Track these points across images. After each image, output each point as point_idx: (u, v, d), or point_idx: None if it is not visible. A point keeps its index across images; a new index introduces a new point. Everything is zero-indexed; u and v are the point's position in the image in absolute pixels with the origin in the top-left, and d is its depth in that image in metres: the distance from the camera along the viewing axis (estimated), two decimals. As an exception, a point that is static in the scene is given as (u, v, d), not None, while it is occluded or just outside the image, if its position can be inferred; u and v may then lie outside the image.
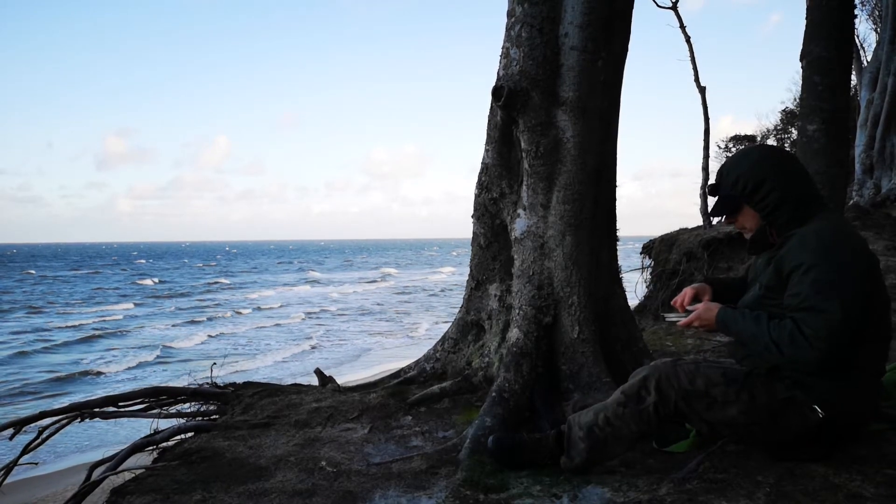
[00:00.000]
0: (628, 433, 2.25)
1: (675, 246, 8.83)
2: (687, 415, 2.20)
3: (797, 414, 2.11)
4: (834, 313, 1.94)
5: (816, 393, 2.09)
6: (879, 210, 11.57)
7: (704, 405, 2.17)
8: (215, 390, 3.68)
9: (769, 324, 2.06)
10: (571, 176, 3.21)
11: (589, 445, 2.29)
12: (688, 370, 2.21)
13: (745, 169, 2.22)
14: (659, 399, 2.18)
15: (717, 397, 2.16)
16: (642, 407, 2.21)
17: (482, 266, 3.64)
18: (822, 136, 4.31)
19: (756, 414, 2.14)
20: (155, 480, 2.56)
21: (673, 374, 2.20)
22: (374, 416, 3.17)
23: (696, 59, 11.87)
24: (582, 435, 2.31)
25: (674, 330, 5.32)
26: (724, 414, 2.16)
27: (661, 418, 2.20)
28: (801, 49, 4.54)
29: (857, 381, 2.10)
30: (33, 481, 7.22)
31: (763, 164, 2.20)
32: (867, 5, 18.78)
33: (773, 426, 2.15)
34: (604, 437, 2.27)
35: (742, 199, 2.23)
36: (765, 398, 2.13)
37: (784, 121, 23.93)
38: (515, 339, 3.16)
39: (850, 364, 2.07)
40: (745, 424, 2.16)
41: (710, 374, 2.19)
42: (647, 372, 2.26)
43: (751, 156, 2.26)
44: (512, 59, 3.22)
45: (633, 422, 2.23)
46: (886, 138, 13.01)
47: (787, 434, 2.16)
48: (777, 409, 2.12)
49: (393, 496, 2.32)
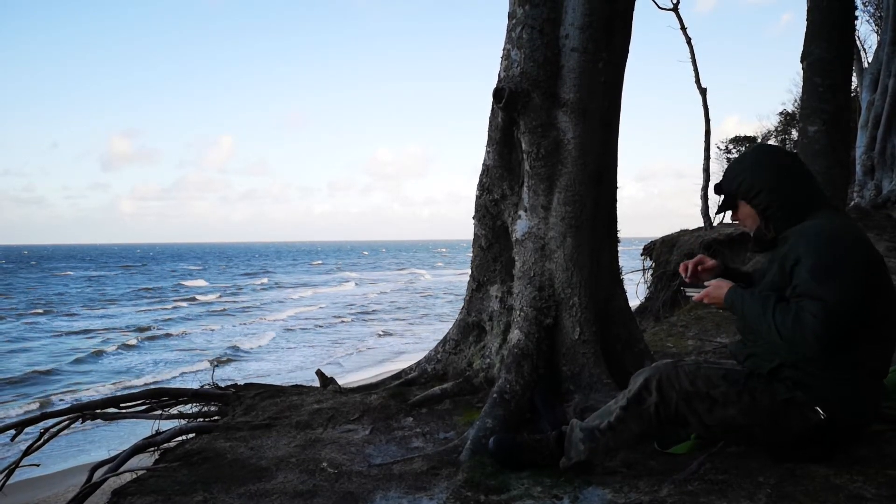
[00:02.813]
0: (629, 435, 2.25)
1: (675, 247, 8.83)
2: (687, 416, 2.19)
3: (798, 415, 2.11)
4: (831, 297, 1.95)
5: (817, 393, 2.09)
6: (880, 211, 11.56)
7: (706, 406, 2.16)
8: (216, 391, 3.69)
9: (775, 305, 2.06)
10: (572, 177, 3.21)
11: (589, 447, 2.29)
12: (689, 371, 2.21)
13: (742, 167, 2.28)
14: (660, 400, 2.18)
15: (717, 398, 2.16)
16: (643, 408, 2.21)
17: (483, 267, 3.64)
18: (823, 137, 4.31)
19: (757, 415, 2.14)
20: (156, 481, 2.56)
21: (674, 375, 2.20)
22: (375, 418, 3.18)
23: (698, 61, 11.86)
24: (582, 437, 2.31)
25: (674, 331, 5.33)
26: (724, 414, 2.15)
27: (662, 419, 2.20)
28: (802, 50, 4.54)
29: (859, 382, 2.09)
30: (35, 482, 7.22)
31: (759, 163, 2.25)
32: (868, 7, 18.77)
33: (773, 427, 2.15)
34: (605, 439, 2.27)
35: (739, 197, 2.29)
36: (766, 399, 2.13)
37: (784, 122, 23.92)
38: (516, 340, 3.17)
39: (852, 363, 2.07)
40: (745, 425, 2.16)
41: (710, 375, 2.19)
42: (648, 373, 2.26)
43: (749, 155, 2.32)
44: (513, 61, 3.23)
45: (635, 423, 2.23)
46: (887, 139, 13.01)
47: (788, 435, 2.16)
48: (778, 410, 2.12)
49: (394, 497, 2.32)
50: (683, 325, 5.54)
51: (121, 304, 32.33)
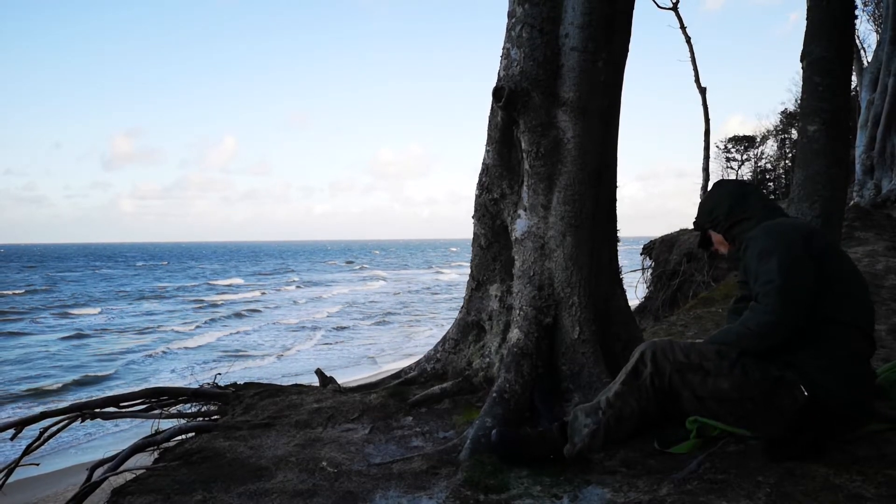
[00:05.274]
0: (629, 411, 2.31)
1: (675, 247, 8.83)
2: (680, 389, 2.28)
3: (787, 395, 2.19)
4: (773, 272, 2.17)
5: (801, 372, 2.19)
6: (880, 211, 11.57)
7: (699, 378, 2.26)
8: (216, 391, 3.69)
9: (739, 319, 2.31)
10: (572, 176, 3.21)
11: (592, 429, 2.33)
12: (683, 345, 2.34)
13: (704, 203, 2.67)
14: (654, 370, 2.29)
15: (710, 370, 2.26)
16: (640, 381, 2.31)
17: (483, 267, 3.64)
18: (823, 137, 4.30)
19: (748, 389, 2.22)
20: (156, 481, 2.56)
21: (668, 348, 2.33)
22: (374, 417, 3.18)
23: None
24: (585, 419, 2.36)
25: (674, 330, 5.33)
26: (716, 386, 2.24)
27: (658, 391, 2.29)
28: (802, 49, 4.53)
29: (836, 361, 2.18)
30: (34, 481, 7.22)
31: (712, 195, 2.65)
32: (868, 6, 18.77)
33: (764, 404, 2.21)
34: (606, 418, 2.32)
35: (707, 228, 2.63)
36: (757, 374, 2.22)
37: (784, 121, 23.93)
38: (516, 339, 3.16)
39: (826, 337, 2.19)
40: (737, 400, 2.24)
41: (704, 350, 2.31)
42: (643, 347, 2.38)
43: (710, 193, 2.70)
44: (512, 60, 3.22)
45: (633, 398, 2.30)
46: (887, 139, 13.01)
47: (779, 416, 2.21)
48: (768, 389, 2.20)
49: (393, 496, 2.32)
50: (683, 325, 5.55)
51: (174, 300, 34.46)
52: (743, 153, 40.64)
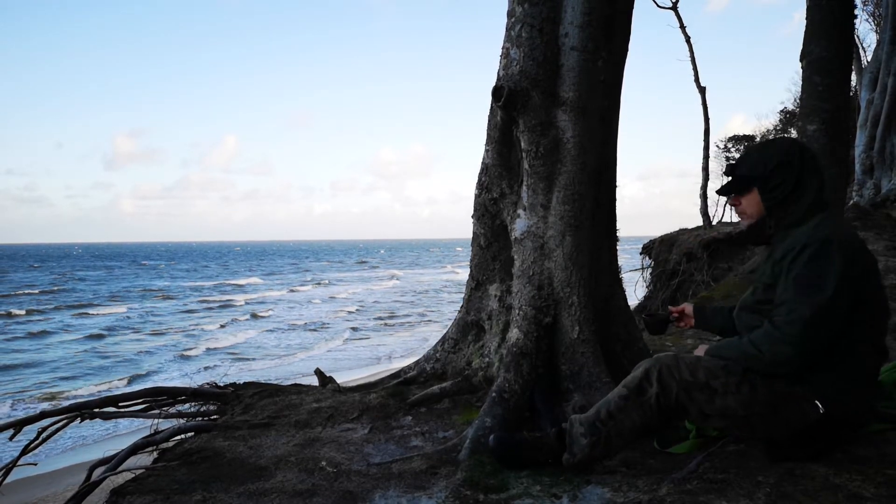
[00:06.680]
0: (630, 426, 2.25)
1: (675, 246, 8.84)
2: (687, 407, 2.20)
3: (797, 409, 2.13)
4: (806, 311, 2.02)
5: (816, 387, 2.11)
6: (879, 210, 11.57)
7: (705, 396, 2.17)
8: (215, 390, 3.68)
9: (749, 335, 2.18)
10: (571, 176, 3.21)
11: (591, 441, 2.28)
12: (689, 362, 2.23)
13: (769, 153, 2.23)
14: (661, 390, 2.19)
15: (717, 388, 2.16)
16: (644, 399, 2.21)
17: (482, 266, 3.64)
18: (822, 136, 4.31)
19: (755, 406, 2.15)
20: (155, 481, 2.56)
21: (675, 366, 2.21)
22: (374, 417, 3.18)
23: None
24: (584, 431, 2.30)
25: (674, 330, 5.32)
26: (724, 405, 2.16)
27: (663, 409, 2.20)
28: (802, 49, 4.54)
29: (856, 377, 2.12)
30: (33, 481, 7.22)
31: (788, 153, 2.20)
32: (867, 5, 18.78)
33: (772, 418, 2.16)
34: (606, 431, 2.26)
35: (754, 181, 2.24)
36: (765, 391, 2.14)
37: (784, 120, 23.93)
38: (515, 339, 3.16)
39: (847, 358, 2.10)
40: (744, 416, 2.17)
41: (711, 367, 2.21)
42: (649, 364, 2.27)
43: (778, 144, 2.28)
44: (512, 60, 3.22)
45: (636, 414, 2.22)
46: (886, 138, 13.02)
47: (786, 429, 2.17)
48: (777, 403, 2.14)
49: (393, 496, 2.32)
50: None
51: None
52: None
